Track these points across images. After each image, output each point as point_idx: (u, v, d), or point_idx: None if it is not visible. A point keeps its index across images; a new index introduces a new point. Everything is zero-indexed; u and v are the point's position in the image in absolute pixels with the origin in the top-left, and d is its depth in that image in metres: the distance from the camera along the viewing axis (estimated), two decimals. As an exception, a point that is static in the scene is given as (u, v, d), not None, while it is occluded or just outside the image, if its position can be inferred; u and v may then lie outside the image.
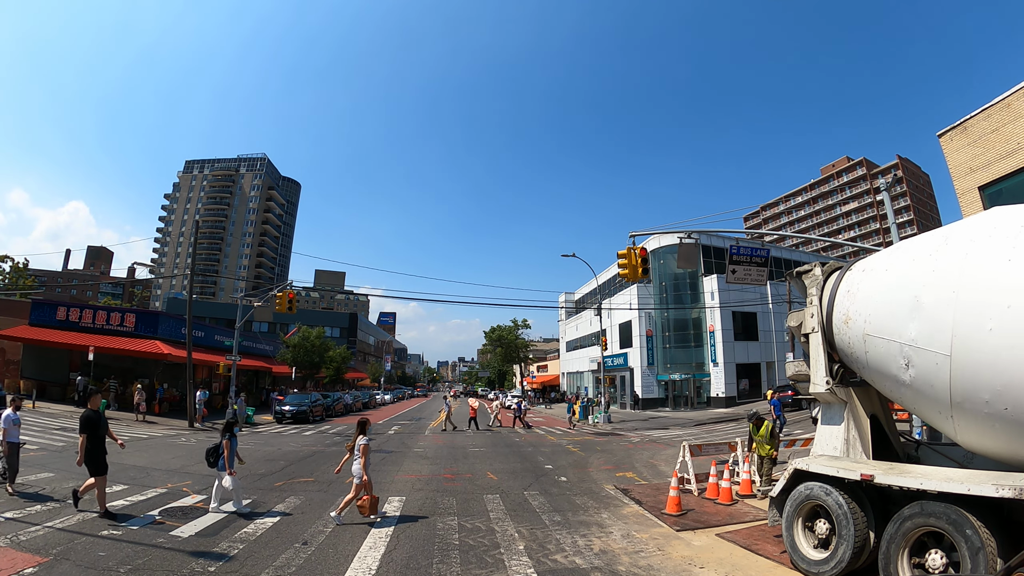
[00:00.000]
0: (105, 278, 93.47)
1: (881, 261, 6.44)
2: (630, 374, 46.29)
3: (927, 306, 5.31)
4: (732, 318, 41.43)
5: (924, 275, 5.50)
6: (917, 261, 5.73)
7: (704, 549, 7.15)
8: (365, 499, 8.30)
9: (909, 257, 5.94)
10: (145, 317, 31.76)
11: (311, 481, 11.64)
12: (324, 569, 6.13)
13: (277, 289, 27.55)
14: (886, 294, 5.92)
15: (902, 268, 5.88)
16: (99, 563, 5.97)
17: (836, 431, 6.83)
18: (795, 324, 7.55)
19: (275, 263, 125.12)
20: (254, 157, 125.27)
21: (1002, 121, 13.60)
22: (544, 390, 68.17)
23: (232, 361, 27.61)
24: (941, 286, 5.21)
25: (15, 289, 47.13)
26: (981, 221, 5.53)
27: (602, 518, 8.79)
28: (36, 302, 32.17)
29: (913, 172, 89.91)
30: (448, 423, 25.70)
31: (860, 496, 5.70)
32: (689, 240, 16.18)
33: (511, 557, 6.65)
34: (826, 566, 5.74)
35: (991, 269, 4.87)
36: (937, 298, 5.20)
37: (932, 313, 5.23)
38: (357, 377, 69.21)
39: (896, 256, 6.25)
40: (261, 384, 43.24)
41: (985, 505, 4.52)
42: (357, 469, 8.22)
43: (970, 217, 6.12)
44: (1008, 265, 4.76)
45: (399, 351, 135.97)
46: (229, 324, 39.81)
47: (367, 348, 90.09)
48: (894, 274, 5.95)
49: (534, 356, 79.53)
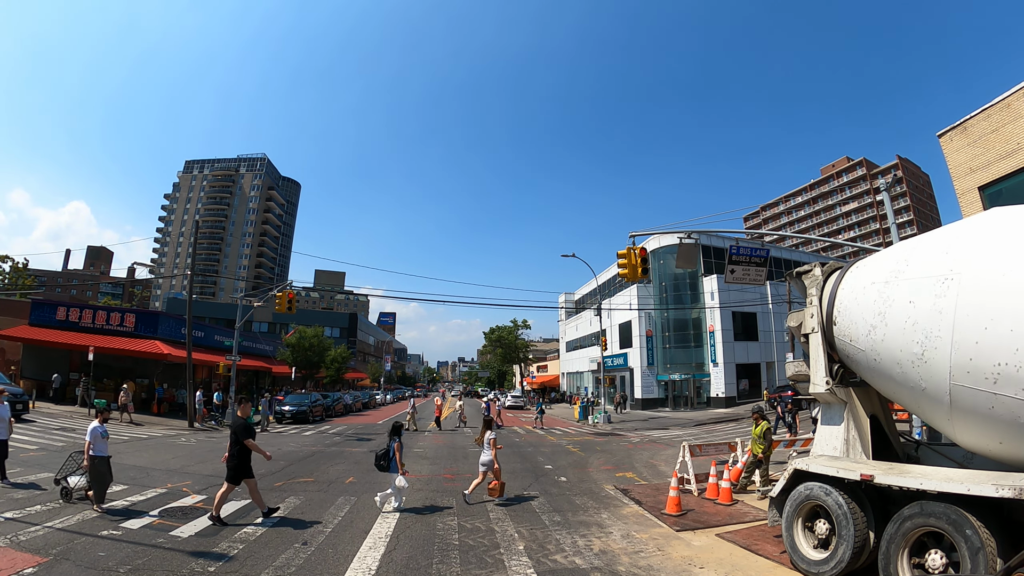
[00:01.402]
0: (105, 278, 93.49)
1: (881, 262, 6.44)
2: (630, 374, 46.31)
3: (928, 307, 5.31)
4: (732, 318, 41.45)
5: (925, 276, 5.50)
6: (918, 262, 5.74)
7: (704, 549, 7.14)
8: (495, 483, 9.74)
9: (910, 258, 5.94)
10: (145, 317, 31.74)
11: (311, 481, 11.64)
12: (324, 569, 6.12)
13: (277, 289, 27.54)
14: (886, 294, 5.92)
15: (902, 268, 5.88)
16: (99, 563, 5.96)
17: (836, 431, 6.83)
18: (795, 324, 7.56)
19: (275, 263, 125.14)
20: (254, 157, 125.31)
21: (1002, 121, 13.60)
22: (544, 390, 68.16)
23: (232, 361, 27.61)
24: (942, 286, 5.21)
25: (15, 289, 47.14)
26: (981, 221, 5.54)
27: (602, 518, 8.80)
28: (36, 302, 32.18)
29: (913, 172, 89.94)
30: (412, 423, 24.96)
31: (860, 496, 5.70)
32: (689, 240, 16.17)
33: (511, 557, 6.65)
34: (826, 566, 5.74)
35: (991, 270, 4.87)
36: (938, 298, 5.20)
37: (932, 314, 5.23)
38: (357, 377, 69.19)
39: (896, 256, 6.25)
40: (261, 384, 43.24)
41: (985, 505, 4.52)
42: (487, 459, 9.74)
43: (970, 217, 6.13)
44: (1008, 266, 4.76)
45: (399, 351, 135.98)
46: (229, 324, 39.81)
47: (367, 348, 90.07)
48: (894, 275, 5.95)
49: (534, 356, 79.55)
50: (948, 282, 5.15)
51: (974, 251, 5.12)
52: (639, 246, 16.00)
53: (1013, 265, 4.73)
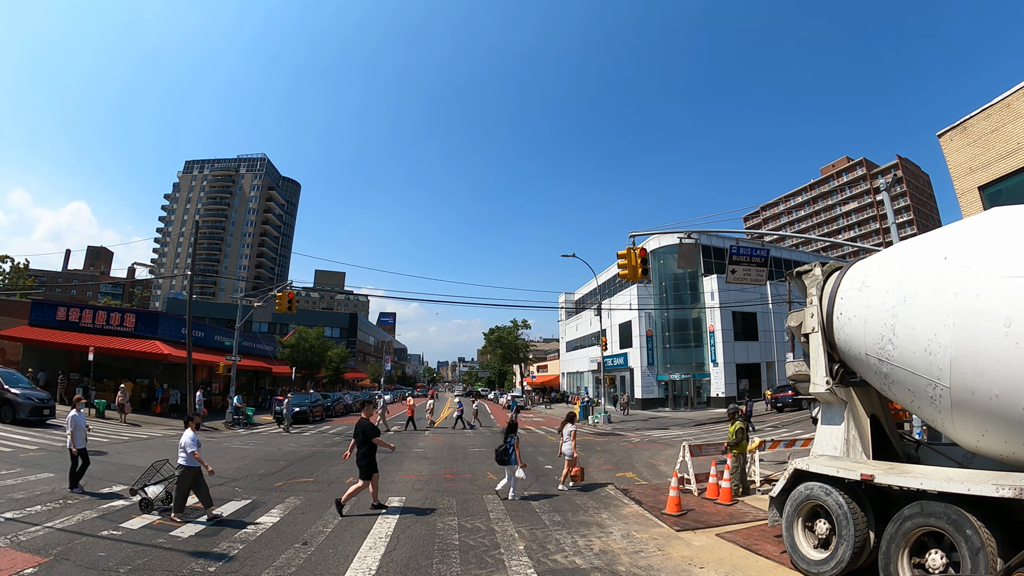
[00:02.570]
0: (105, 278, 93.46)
1: (881, 262, 6.44)
2: (630, 374, 46.30)
3: (928, 306, 5.31)
4: (732, 318, 41.45)
5: (925, 275, 5.50)
6: (918, 262, 5.74)
7: (704, 549, 7.14)
8: (577, 470, 11.16)
9: (910, 258, 5.95)
10: (145, 317, 31.74)
11: (311, 481, 11.63)
12: (324, 569, 6.12)
13: (277, 289, 27.56)
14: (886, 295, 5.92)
15: (903, 269, 5.88)
16: (99, 563, 5.96)
17: (836, 431, 6.83)
18: (795, 324, 7.56)
19: (275, 263, 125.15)
20: (254, 157, 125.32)
21: (1002, 121, 13.60)
22: (544, 390, 68.18)
23: (232, 361, 27.62)
24: (942, 286, 5.21)
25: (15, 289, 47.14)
26: (981, 221, 5.54)
27: (602, 518, 8.80)
28: (36, 302, 32.16)
29: (913, 172, 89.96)
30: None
31: (860, 496, 5.70)
32: (689, 240, 16.18)
33: (511, 557, 6.65)
34: (826, 566, 5.74)
35: (991, 270, 4.87)
36: (938, 298, 5.20)
37: (932, 313, 5.23)
38: (357, 377, 69.21)
39: (896, 257, 6.25)
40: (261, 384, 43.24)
41: (985, 505, 4.52)
42: (568, 449, 10.96)
43: (970, 217, 6.13)
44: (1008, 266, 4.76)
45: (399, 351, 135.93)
46: (229, 324, 39.82)
47: (367, 348, 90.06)
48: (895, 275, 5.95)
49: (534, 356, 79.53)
50: (948, 282, 5.15)
51: (974, 251, 5.12)
52: (639, 246, 16.01)
53: (1013, 265, 4.73)
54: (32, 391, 19.68)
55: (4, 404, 18.33)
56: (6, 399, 18.38)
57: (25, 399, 18.60)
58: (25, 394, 18.90)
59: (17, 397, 18.46)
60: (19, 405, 18.31)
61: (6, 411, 18.25)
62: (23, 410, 18.32)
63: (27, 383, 20.50)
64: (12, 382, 19.16)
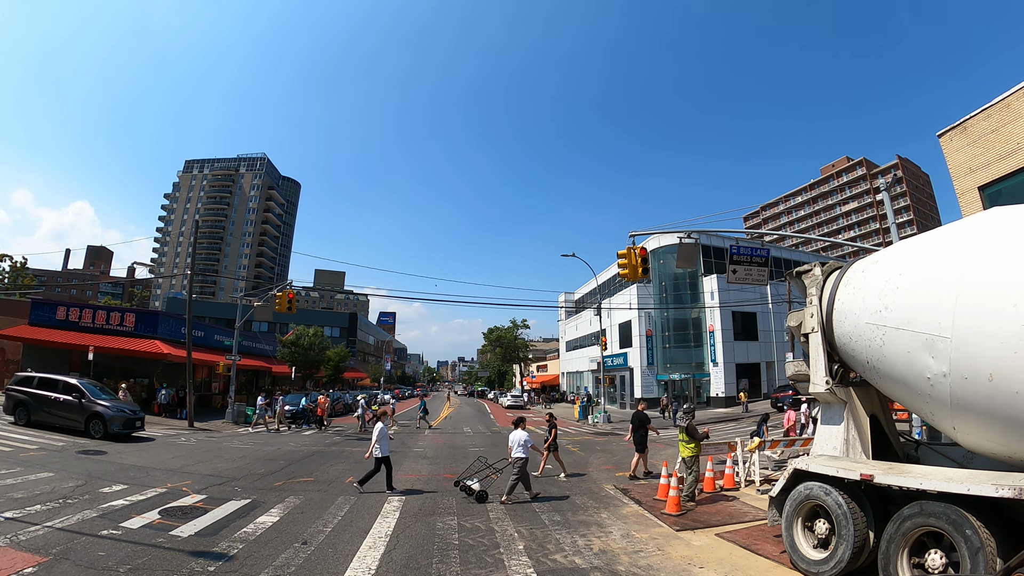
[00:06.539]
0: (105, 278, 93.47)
1: (881, 261, 6.44)
2: (630, 374, 46.30)
3: (927, 306, 5.31)
4: (732, 318, 41.46)
5: (925, 275, 5.50)
6: (917, 261, 5.74)
7: (704, 549, 7.15)
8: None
9: (909, 257, 5.94)
10: (145, 317, 31.69)
11: (311, 481, 11.63)
12: (324, 569, 6.12)
13: (277, 289, 27.53)
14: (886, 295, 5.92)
15: (903, 269, 5.88)
16: (99, 563, 5.96)
17: (836, 431, 6.83)
18: (795, 324, 7.56)
19: (275, 263, 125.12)
20: (254, 157, 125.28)
21: (1002, 121, 13.59)
22: (544, 390, 68.19)
23: (232, 361, 27.59)
24: (941, 286, 5.21)
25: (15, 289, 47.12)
26: (980, 221, 5.54)
27: (602, 518, 8.80)
28: (36, 302, 32.12)
29: (913, 172, 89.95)
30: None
31: (860, 496, 5.70)
32: (689, 240, 16.17)
33: (511, 557, 6.65)
34: (826, 566, 5.74)
35: (991, 270, 4.87)
36: (938, 298, 5.20)
37: (932, 313, 5.23)
38: (356, 377, 69.18)
39: (896, 256, 6.25)
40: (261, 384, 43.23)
41: (985, 505, 4.52)
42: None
43: (969, 217, 6.13)
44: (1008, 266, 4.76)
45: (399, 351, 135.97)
46: (229, 324, 39.79)
47: (367, 348, 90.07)
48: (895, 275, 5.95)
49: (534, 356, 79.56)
50: (948, 282, 5.16)
51: (974, 251, 5.12)
52: (639, 246, 15.99)
53: (1013, 265, 4.73)
54: (119, 402, 18.39)
55: (94, 418, 16.76)
56: (95, 412, 16.83)
57: (117, 411, 17.22)
58: (116, 406, 17.54)
59: (108, 410, 16.98)
60: (111, 419, 16.81)
61: (96, 425, 16.68)
62: (116, 423, 16.87)
63: (111, 393, 19.24)
64: (96, 394, 17.61)
